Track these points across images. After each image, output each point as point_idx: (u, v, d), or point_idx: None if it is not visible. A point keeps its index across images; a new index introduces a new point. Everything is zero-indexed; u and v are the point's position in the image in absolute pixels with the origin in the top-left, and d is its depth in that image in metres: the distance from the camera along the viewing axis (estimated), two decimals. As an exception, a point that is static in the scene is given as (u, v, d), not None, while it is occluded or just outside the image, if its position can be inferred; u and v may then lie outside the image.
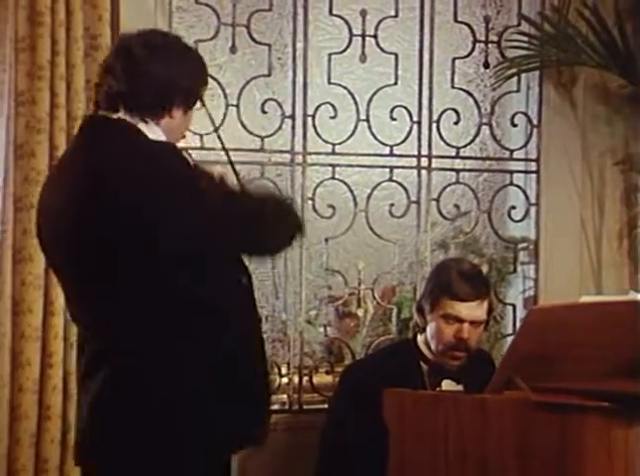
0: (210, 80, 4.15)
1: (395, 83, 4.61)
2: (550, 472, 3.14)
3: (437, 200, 4.69)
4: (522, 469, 3.17)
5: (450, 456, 3.30)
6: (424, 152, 4.66)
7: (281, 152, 4.49)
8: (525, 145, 4.85)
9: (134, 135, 2.96)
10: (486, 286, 4.05)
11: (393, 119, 4.60)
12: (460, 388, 3.98)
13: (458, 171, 4.74)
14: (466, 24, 4.73)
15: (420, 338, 4.01)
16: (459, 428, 3.29)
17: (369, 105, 4.57)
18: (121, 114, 2.97)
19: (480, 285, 3.99)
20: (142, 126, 2.98)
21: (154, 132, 2.99)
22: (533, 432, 3.16)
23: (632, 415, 3.14)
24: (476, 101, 4.74)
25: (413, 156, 4.66)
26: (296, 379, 4.52)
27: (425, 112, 4.66)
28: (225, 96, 4.35)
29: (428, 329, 3.97)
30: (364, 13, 4.55)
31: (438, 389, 3.97)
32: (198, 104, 3.12)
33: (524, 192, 4.85)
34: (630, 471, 3.12)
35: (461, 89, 4.73)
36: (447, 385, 4.01)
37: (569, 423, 3.12)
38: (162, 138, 3.00)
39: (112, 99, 2.99)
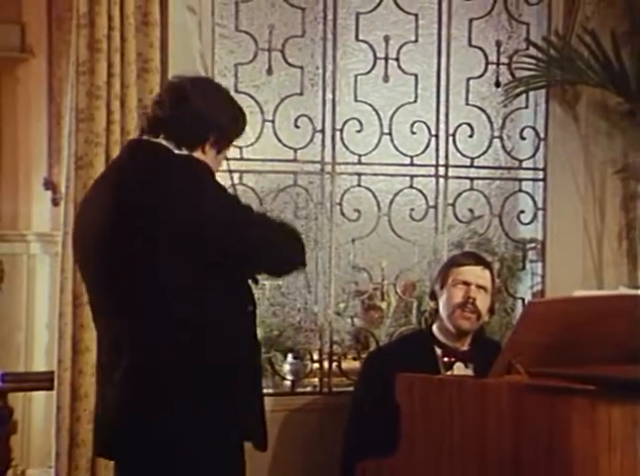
0: (249, 98, 4.33)
1: (415, 101, 4.62)
2: (540, 449, 3.15)
3: (453, 205, 4.69)
4: (516, 446, 3.19)
5: (454, 434, 3.33)
6: (441, 162, 4.67)
7: (312, 162, 4.50)
8: (533, 155, 4.83)
9: (169, 154, 2.97)
10: (487, 260, 4.14)
11: (413, 133, 4.60)
12: (470, 372, 4.01)
13: (472, 179, 4.73)
14: (479, 48, 4.72)
15: (434, 326, 4.06)
16: (461, 409, 3.32)
17: (391, 120, 4.57)
18: (160, 139, 2.98)
19: (480, 257, 4.14)
20: (177, 153, 2.98)
21: None
22: (526, 413, 3.18)
23: (615, 397, 3.16)
24: (488, 117, 4.74)
25: (432, 165, 4.66)
26: (326, 364, 4.52)
27: (442, 126, 4.65)
28: (262, 113, 4.37)
29: (440, 304, 4.02)
30: (387, 38, 4.56)
31: (450, 372, 4.01)
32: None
33: (532, 198, 4.84)
34: (612, 448, 3.12)
35: (474, 106, 4.72)
36: (458, 369, 4.03)
37: (557, 405, 3.13)
38: None
39: (155, 125, 3.01)
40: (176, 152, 2.97)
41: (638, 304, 3.52)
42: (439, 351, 4.03)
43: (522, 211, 4.85)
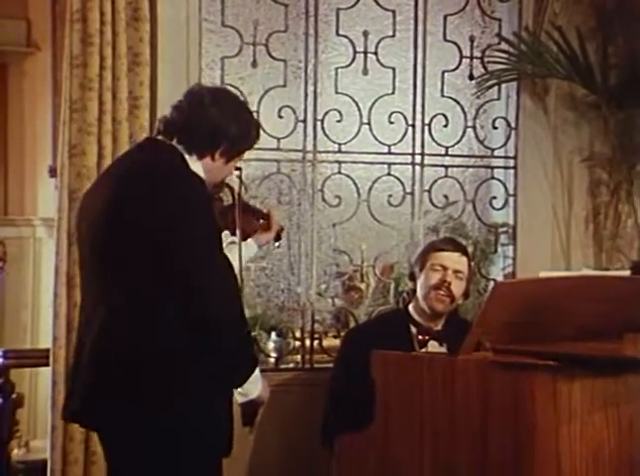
0: (234, 90, 4.31)
1: (393, 93, 4.62)
2: (505, 422, 3.16)
3: (429, 192, 4.70)
4: (483, 418, 3.20)
5: (425, 407, 3.33)
6: (418, 150, 4.68)
7: (295, 151, 4.51)
8: (505, 144, 4.85)
9: (178, 159, 2.96)
10: (464, 246, 4.16)
11: (391, 123, 4.62)
12: (443, 349, 4.03)
13: (447, 166, 4.75)
14: (453, 42, 4.73)
15: (411, 306, 4.08)
16: (433, 384, 3.32)
17: (370, 111, 4.59)
18: (173, 142, 2.98)
19: (459, 244, 4.14)
20: (187, 156, 2.98)
21: (195, 165, 2.98)
22: (493, 387, 3.19)
23: (575, 372, 3.18)
24: (462, 108, 4.75)
25: (408, 154, 4.68)
26: (308, 342, 4.54)
27: (419, 117, 4.67)
28: (247, 104, 4.37)
29: (418, 285, 4.03)
30: (366, 33, 4.57)
31: (424, 350, 4.02)
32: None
33: (504, 185, 4.86)
34: (572, 419, 3.14)
35: (449, 98, 4.73)
36: (432, 347, 4.04)
37: (521, 379, 3.14)
38: (201, 173, 2.98)
39: (170, 127, 3.01)
40: (192, 167, 2.96)
41: (599, 285, 3.55)
42: (414, 330, 4.05)
43: (494, 197, 4.87)
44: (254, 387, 3.01)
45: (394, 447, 3.40)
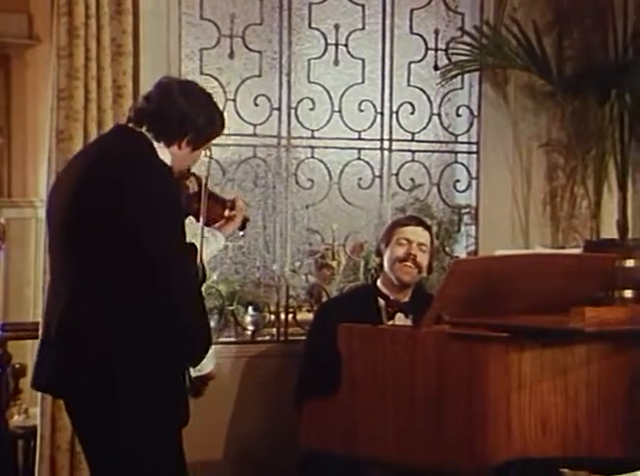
0: (213, 80, 4.34)
1: (362, 82, 4.63)
2: (461, 390, 3.21)
3: (396, 175, 4.72)
4: (440, 386, 3.26)
5: (388, 377, 3.38)
6: (386, 136, 4.69)
7: (270, 136, 4.51)
8: (468, 131, 4.86)
9: (146, 146, 2.95)
10: (427, 223, 4.19)
11: (361, 111, 4.62)
12: (409, 322, 4.06)
13: (413, 151, 4.75)
14: (419, 35, 4.73)
15: (379, 281, 4.11)
16: (394, 355, 3.37)
17: (341, 99, 4.59)
18: (143, 129, 2.97)
19: (421, 219, 4.19)
20: (155, 144, 2.97)
21: (163, 153, 2.97)
22: (449, 357, 3.24)
23: (525, 343, 3.22)
24: (427, 96, 4.75)
25: (377, 139, 4.68)
26: (283, 316, 4.55)
27: (387, 105, 4.67)
28: (225, 93, 4.37)
29: (385, 259, 4.06)
30: (337, 26, 4.58)
31: (392, 322, 4.05)
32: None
33: (467, 169, 4.87)
34: (522, 387, 3.19)
35: (415, 87, 4.73)
36: (399, 319, 4.07)
37: (476, 350, 3.20)
38: (168, 160, 2.98)
39: (140, 116, 2.99)
40: (160, 155, 2.96)
41: (551, 262, 3.59)
42: (382, 302, 4.08)
43: (458, 180, 4.88)
44: (208, 363, 3.03)
45: (359, 414, 3.44)
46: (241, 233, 3.51)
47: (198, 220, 3.21)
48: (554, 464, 2.64)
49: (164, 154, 2.98)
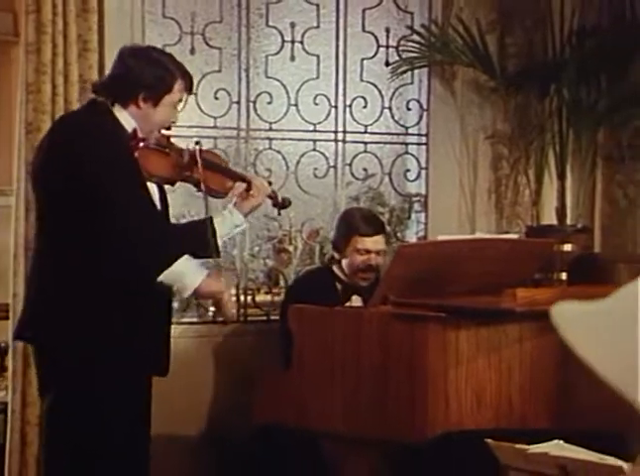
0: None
1: (317, 77, 4.62)
2: (403, 366, 3.24)
3: (350, 165, 4.71)
4: (384, 363, 3.28)
5: (335, 355, 3.40)
6: (340, 129, 4.68)
7: (230, 128, 4.49)
8: (417, 124, 4.86)
9: (97, 111, 3.01)
10: (383, 225, 4.18)
11: (316, 104, 4.61)
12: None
13: (366, 143, 4.75)
14: (371, 33, 4.73)
15: (335, 267, 4.12)
16: (342, 334, 3.39)
17: (297, 94, 4.58)
18: (102, 98, 3.02)
19: (379, 225, 4.13)
20: (115, 109, 3.01)
21: (122, 116, 3.02)
22: (392, 336, 3.27)
23: (462, 322, 3.25)
24: (379, 91, 4.75)
25: (332, 131, 4.68)
26: (242, 298, 4.55)
27: (341, 99, 4.66)
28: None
29: (344, 261, 4.06)
30: (293, 24, 4.56)
31: (349, 303, 4.07)
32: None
33: (417, 159, 4.88)
34: (459, 364, 3.22)
35: (368, 82, 4.73)
36: (355, 300, 4.09)
37: (416, 329, 3.22)
38: (131, 121, 3.02)
39: (97, 86, 3.11)
40: (121, 119, 2.99)
41: (489, 246, 3.62)
42: (339, 286, 4.09)
43: (408, 170, 4.89)
44: (183, 279, 2.97)
45: (309, 389, 3.47)
46: (277, 212, 3.48)
47: (199, 189, 3.23)
48: (488, 436, 2.66)
49: (124, 116, 3.00)
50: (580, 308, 0.91)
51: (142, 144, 3.11)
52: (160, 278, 2.90)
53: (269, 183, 3.51)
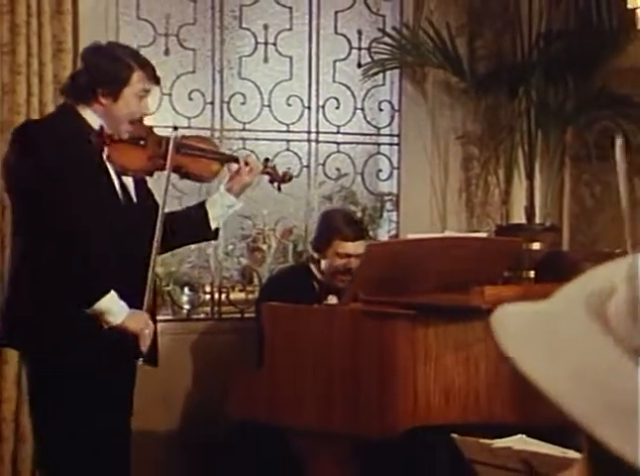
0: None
1: (291, 79, 4.62)
2: (373, 363, 3.25)
3: (323, 165, 4.72)
4: (354, 360, 3.29)
5: (307, 352, 3.41)
6: (313, 129, 4.69)
7: (204, 129, 4.47)
8: (389, 124, 4.88)
9: (61, 111, 3.05)
10: (364, 229, 4.18)
11: (289, 105, 4.61)
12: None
13: (339, 143, 4.76)
14: (344, 35, 4.73)
15: (313, 266, 4.10)
16: (314, 332, 3.40)
17: (270, 94, 4.58)
18: (70, 100, 3.02)
19: (360, 229, 4.12)
20: (80, 108, 3.00)
21: (88, 114, 3.02)
22: (362, 333, 3.28)
23: (430, 319, 3.26)
24: (352, 92, 4.76)
25: (305, 132, 4.68)
26: (217, 296, 4.56)
27: (314, 100, 4.67)
28: (160, 88, 4.29)
29: (324, 262, 4.03)
30: (266, 26, 4.57)
31: (325, 302, 4.08)
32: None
33: (389, 159, 4.89)
34: (428, 360, 3.23)
35: (340, 83, 4.74)
36: (331, 300, 4.08)
37: (386, 326, 3.24)
38: (97, 119, 3.02)
39: (64, 89, 3.13)
40: (87, 118, 2.99)
41: (458, 245, 3.63)
42: (317, 286, 4.07)
43: (380, 170, 4.90)
44: (105, 317, 3.00)
45: (281, 385, 3.47)
46: (276, 187, 3.48)
47: (182, 176, 3.22)
48: (455, 430, 2.67)
49: (89, 115, 3.00)
50: (521, 313, 0.86)
51: (113, 139, 3.09)
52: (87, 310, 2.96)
53: (267, 160, 3.47)
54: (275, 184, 3.51)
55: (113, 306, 2.99)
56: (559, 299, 0.87)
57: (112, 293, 2.97)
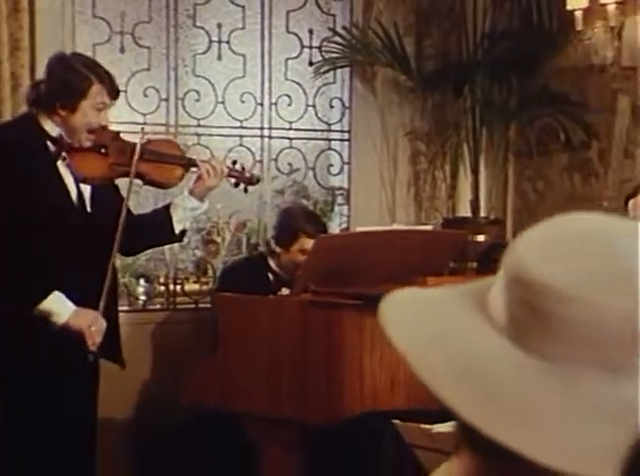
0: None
1: (244, 76, 4.64)
2: (321, 351, 3.29)
3: (276, 160, 4.75)
4: (303, 349, 3.33)
5: (258, 342, 3.44)
6: (266, 125, 4.71)
7: (159, 125, 4.49)
8: (340, 121, 4.92)
9: (21, 120, 3.07)
10: (325, 225, 4.21)
11: (243, 102, 4.64)
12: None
13: (291, 139, 4.79)
14: (295, 34, 4.77)
15: (270, 259, 4.10)
16: (264, 322, 3.43)
17: (224, 91, 4.60)
18: (32, 109, 3.04)
19: (323, 225, 4.15)
20: (40, 118, 3.02)
21: (47, 124, 3.04)
22: (311, 323, 3.31)
23: (377, 309, 3.31)
24: (303, 89, 4.79)
25: (258, 128, 4.71)
26: (172, 287, 4.58)
27: (266, 97, 4.70)
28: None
29: (285, 256, 4.00)
30: (220, 25, 4.58)
31: (279, 293, 4.10)
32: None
33: (340, 155, 4.94)
34: (374, 349, 3.29)
35: (292, 81, 4.77)
36: (284, 291, 4.12)
37: (334, 316, 3.28)
38: (55, 128, 3.03)
39: (26, 98, 3.12)
40: (47, 128, 3.02)
41: (404, 237, 3.68)
42: (272, 277, 4.10)
43: (331, 165, 4.94)
44: (50, 317, 3.02)
45: (233, 373, 3.50)
46: (242, 188, 3.45)
47: (145, 183, 3.22)
48: (400, 416, 2.72)
49: (49, 124, 3.02)
50: (409, 299, 0.88)
51: (72, 147, 3.08)
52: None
53: (234, 163, 3.48)
54: (242, 186, 3.50)
55: (56, 306, 3.00)
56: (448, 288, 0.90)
57: (56, 293, 2.99)
